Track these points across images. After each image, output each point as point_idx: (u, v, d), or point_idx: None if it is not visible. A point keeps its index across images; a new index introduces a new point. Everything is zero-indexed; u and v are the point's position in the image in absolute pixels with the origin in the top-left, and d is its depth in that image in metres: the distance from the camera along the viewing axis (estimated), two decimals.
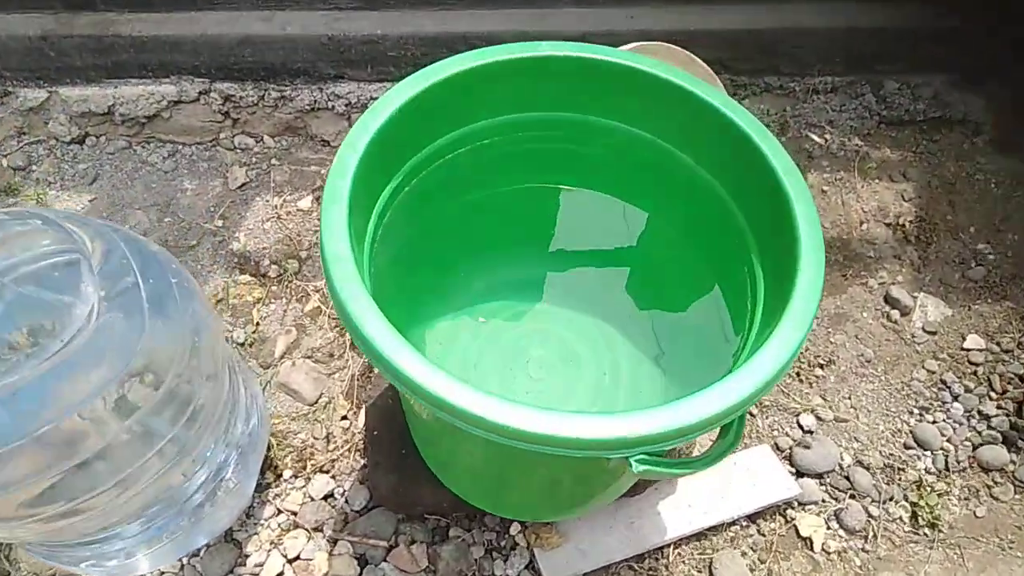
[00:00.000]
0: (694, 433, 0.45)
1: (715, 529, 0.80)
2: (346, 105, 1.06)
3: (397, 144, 0.60)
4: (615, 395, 0.71)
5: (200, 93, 1.03)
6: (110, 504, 0.60)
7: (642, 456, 0.45)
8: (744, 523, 0.82)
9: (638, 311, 0.78)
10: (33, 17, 0.98)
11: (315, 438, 0.87)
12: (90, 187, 1.02)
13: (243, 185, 1.04)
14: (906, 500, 0.84)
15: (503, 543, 0.79)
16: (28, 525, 0.57)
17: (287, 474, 0.84)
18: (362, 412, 0.89)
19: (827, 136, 1.13)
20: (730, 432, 0.49)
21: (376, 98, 1.07)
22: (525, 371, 0.73)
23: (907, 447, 0.88)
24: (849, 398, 0.92)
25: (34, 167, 1.02)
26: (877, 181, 1.11)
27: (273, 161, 1.07)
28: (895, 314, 0.99)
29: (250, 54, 1.00)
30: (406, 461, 0.78)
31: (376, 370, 0.87)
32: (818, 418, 0.90)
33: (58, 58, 0.98)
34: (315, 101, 1.05)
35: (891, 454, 0.88)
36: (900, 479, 0.86)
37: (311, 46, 1.01)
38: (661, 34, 0.96)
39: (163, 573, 0.77)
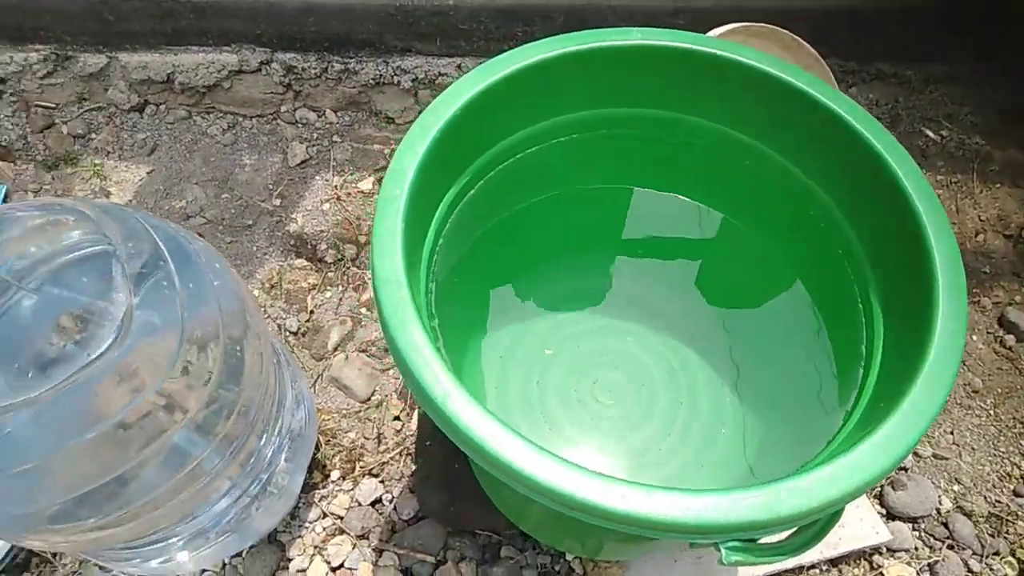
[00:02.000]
0: (810, 518, 0.38)
1: (793, 572, 0.73)
2: (412, 80, 1.00)
3: (460, 145, 0.54)
4: (691, 427, 0.64)
5: (261, 63, 0.98)
6: (156, 511, 0.57)
7: (734, 544, 0.38)
8: (824, 567, 0.74)
9: (717, 331, 0.70)
10: None
11: (365, 438, 0.83)
12: (148, 158, 0.99)
13: (303, 162, 0.99)
14: (1013, 556, 0.75)
15: (558, 568, 0.74)
16: (71, 536, 0.55)
17: (335, 475, 0.81)
18: (415, 416, 0.84)
19: (944, 132, 1.01)
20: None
21: (444, 74, 1.00)
22: (592, 394, 0.66)
23: (1017, 494, 0.79)
24: (951, 433, 0.83)
25: (93, 135, 0.99)
26: (999, 186, 0.99)
27: (335, 138, 1.02)
28: (1010, 339, 0.88)
29: (313, 23, 0.94)
30: (458, 477, 0.73)
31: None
32: (915, 454, 0.81)
33: (117, 23, 0.94)
34: (380, 75, 0.99)
35: (998, 501, 0.78)
36: (1008, 531, 0.76)
37: (377, 16, 0.94)
38: (759, 11, 0.86)
39: (204, 572, 0.75)
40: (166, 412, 0.49)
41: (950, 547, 0.75)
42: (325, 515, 0.78)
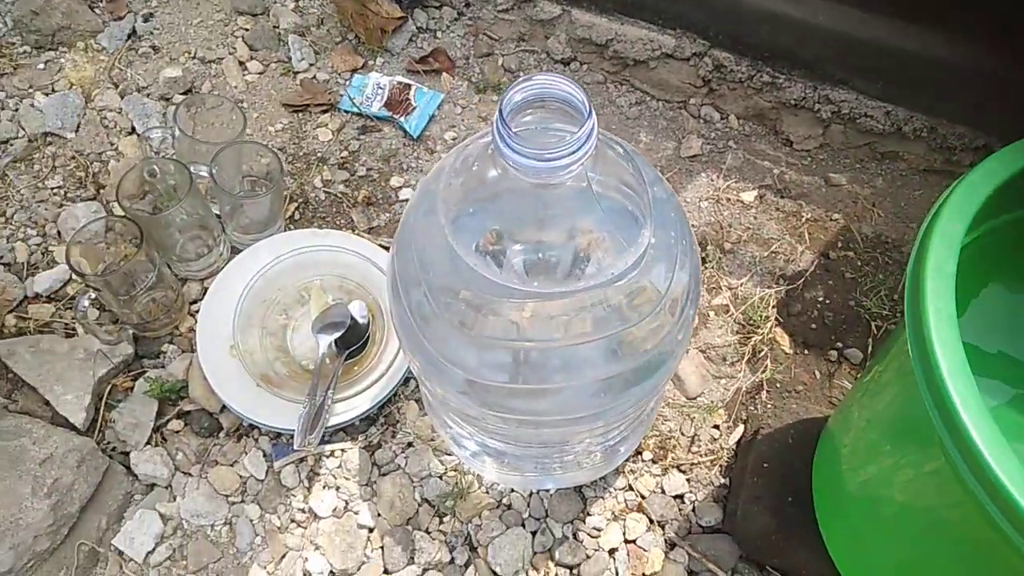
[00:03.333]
0: None
1: None
2: (832, 113, 0.98)
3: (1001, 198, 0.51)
4: None
5: (694, 54, 1.01)
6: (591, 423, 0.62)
7: None
8: None
9: None
10: None
11: (682, 434, 0.84)
12: None
13: (694, 156, 1.01)
14: None
15: None
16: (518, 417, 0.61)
17: (646, 455, 0.82)
18: (738, 429, 0.83)
19: None
20: None
21: (869, 116, 0.97)
22: None
23: None
24: None
25: (520, 73, 1.09)
26: None
27: (731, 143, 1.02)
28: None
29: (766, 31, 0.95)
30: (788, 510, 0.71)
31: (765, 396, 0.81)
32: None
33: None
34: (802, 99, 0.98)
35: None
36: None
37: (827, 41, 0.93)
38: None
39: (511, 491, 0.80)
40: (652, 334, 0.53)
41: None
42: (630, 488, 0.80)
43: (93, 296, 0.80)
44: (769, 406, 0.85)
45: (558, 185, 0.52)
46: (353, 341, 0.85)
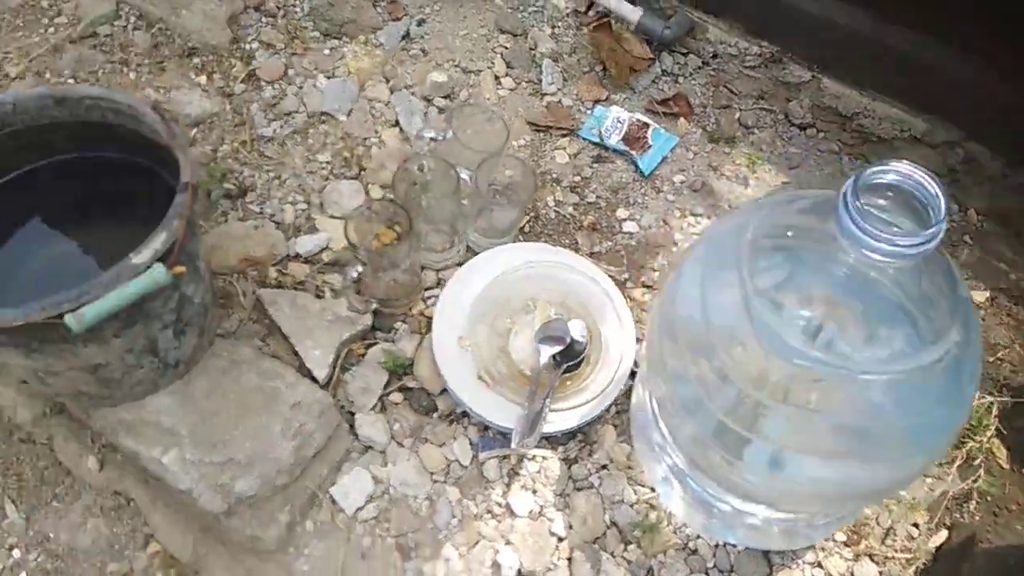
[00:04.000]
0: None
1: None
2: None
3: None
4: None
5: (945, 142, 1.01)
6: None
7: None
8: None
9: None
10: None
11: (878, 524, 0.84)
12: (789, 171, 1.08)
13: None
14: None
15: None
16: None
17: (839, 536, 0.83)
18: (940, 534, 0.82)
19: None
20: None
21: None
22: None
23: None
24: None
25: (756, 130, 1.11)
26: None
27: (966, 237, 1.02)
28: None
29: None
30: None
31: (974, 507, 0.80)
32: None
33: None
34: None
35: None
36: None
37: None
38: None
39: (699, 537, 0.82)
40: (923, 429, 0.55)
41: None
42: (819, 566, 0.81)
43: (360, 269, 0.89)
44: (978, 518, 0.83)
45: (881, 268, 0.54)
46: (571, 358, 0.91)
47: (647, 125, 1.10)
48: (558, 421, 0.88)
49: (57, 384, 0.77)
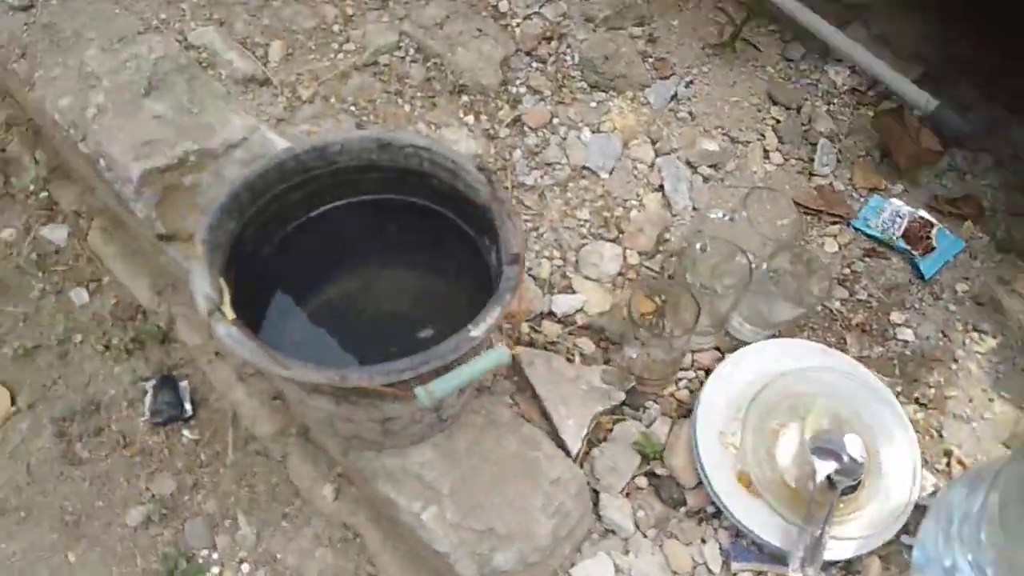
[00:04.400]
0: None
1: None
2: None
3: None
4: None
5: None
6: None
7: None
8: None
9: None
10: None
11: None
12: None
13: None
14: None
15: None
16: None
17: None
18: None
19: None
20: None
21: None
22: None
23: None
24: None
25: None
26: None
27: None
28: None
29: None
30: None
31: None
32: None
33: None
34: None
35: None
36: None
37: None
38: None
39: None
40: None
41: None
42: None
43: (639, 349, 0.85)
44: None
45: None
46: (849, 478, 0.84)
47: (931, 224, 1.02)
48: (831, 549, 0.81)
49: (343, 428, 0.78)
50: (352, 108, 1.05)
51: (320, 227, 0.84)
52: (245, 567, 0.95)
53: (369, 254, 0.87)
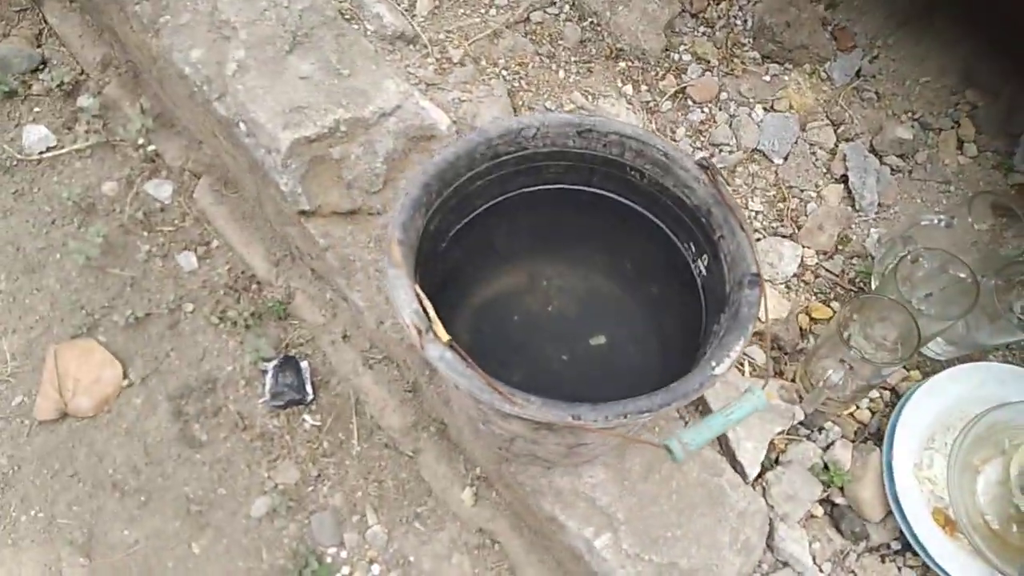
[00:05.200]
0: None
1: None
2: None
3: None
4: None
5: None
6: None
7: None
8: None
9: None
10: None
11: None
12: None
13: None
14: None
15: None
16: None
17: None
18: None
19: None
20: None
21: None
22: None
23: None
24: None
25: None
26: None
27: None
28: None
29: None
30: None
31: None
32: None
33: None
34: None
35: None
36: None
37: None
38: None
39: None
40: None
41: None
42: None
43: (844, 372, 0.77)
44: None
45: None
46: None
47: None
48: None
49: (525, 447, 0.71)
50: (504, 73, 0.94)
51: (491, 219, 0.75)
52: (376, 568, 0.90)
53: (539, 248, 0.78)
